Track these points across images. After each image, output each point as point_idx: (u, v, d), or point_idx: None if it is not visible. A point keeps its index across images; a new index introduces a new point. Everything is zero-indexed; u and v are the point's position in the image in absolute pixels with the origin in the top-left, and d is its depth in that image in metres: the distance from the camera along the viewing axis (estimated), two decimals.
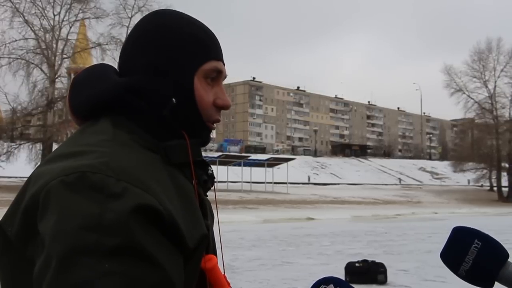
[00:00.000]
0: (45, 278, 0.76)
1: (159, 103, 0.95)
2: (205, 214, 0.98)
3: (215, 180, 1.06)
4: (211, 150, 59.58)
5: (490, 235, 0.96)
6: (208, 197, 1.06)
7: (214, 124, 1.02)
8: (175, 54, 0.97)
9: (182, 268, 0.85)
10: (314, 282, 0.97)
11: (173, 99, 0.95)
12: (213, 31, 1.04)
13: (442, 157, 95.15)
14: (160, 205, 0.82)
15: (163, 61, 0.97)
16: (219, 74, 1.01)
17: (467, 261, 0.94)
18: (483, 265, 0.93)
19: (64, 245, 0.75)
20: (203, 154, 1.04)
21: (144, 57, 0.97)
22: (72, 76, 40.89)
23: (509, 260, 0.94)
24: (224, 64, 1.03)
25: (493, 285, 0.94)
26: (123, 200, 0.79)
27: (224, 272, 1.01)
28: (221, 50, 1.04)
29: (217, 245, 1.05)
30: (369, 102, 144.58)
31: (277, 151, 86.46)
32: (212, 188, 1.06)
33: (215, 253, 1.01)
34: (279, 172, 47.26)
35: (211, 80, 1.00)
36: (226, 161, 44.71)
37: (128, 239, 0.77)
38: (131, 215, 0.78)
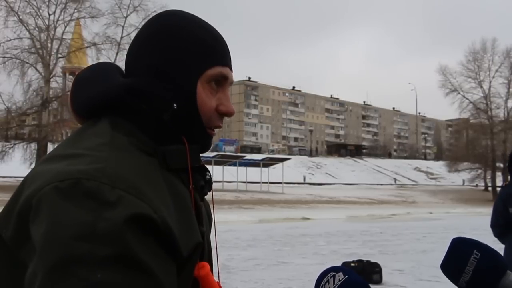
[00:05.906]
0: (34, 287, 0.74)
1: (160, 106, 0.93)
2: (201, 220, 0.96)
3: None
4: None
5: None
6: (206, 197, 1.04)
7: (214, 130, 1.01)
8: (178, 57, 0.95)
9: (175, 276, 0.84)
10: (322, 271, 0.95)
11: (174, 104, 0.93)
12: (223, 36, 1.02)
13: (437, 157, 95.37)
14: (155, 213, 0.80)
15: (166, 63, 0.95)
16: (225, 80, 0.99)
17: (466, 272, 0.93)
18: (482, 276, 0.92)
19: (55, 253, 0.73)
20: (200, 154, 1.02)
21: (148, 59, 0.96)
22: (67, 75, 41.03)
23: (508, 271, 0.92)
24: (231, 70, 1.01)
25: None
26: (117, 209, 0.77)
27: (218, 275, 1.00)
28: (229, 56, 1.01)
29: (212, 245, 1.05)
30: (364, 102, 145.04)
31: (272, 151, 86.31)
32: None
33: (210, 258, 0.99)
34: (275, 172, 47.24)
35: (216, 85, 0.98)
36: (222, 161, 44.57)
37: (121, 249, 0.75)
38: (125, 224, 0.76)
